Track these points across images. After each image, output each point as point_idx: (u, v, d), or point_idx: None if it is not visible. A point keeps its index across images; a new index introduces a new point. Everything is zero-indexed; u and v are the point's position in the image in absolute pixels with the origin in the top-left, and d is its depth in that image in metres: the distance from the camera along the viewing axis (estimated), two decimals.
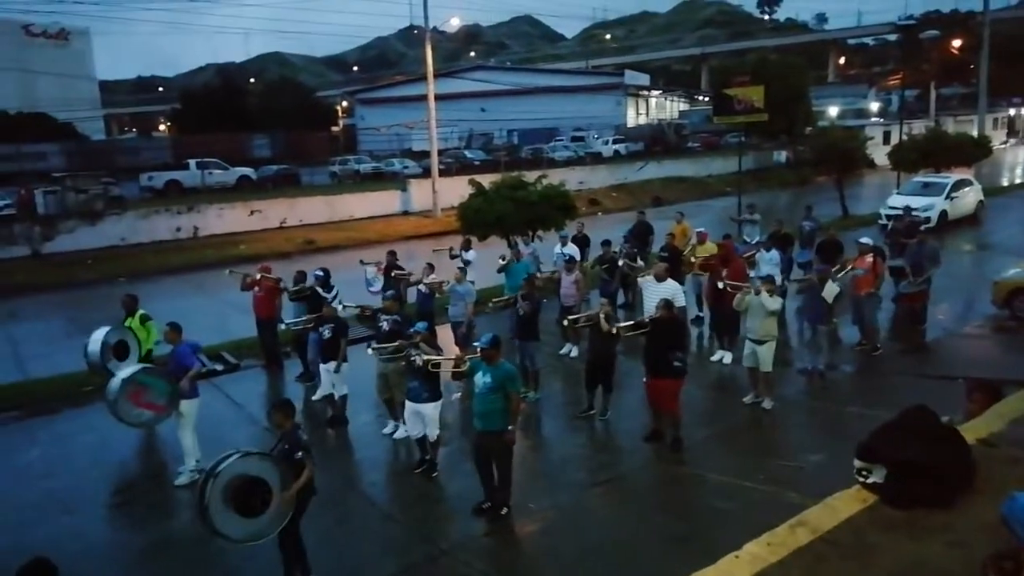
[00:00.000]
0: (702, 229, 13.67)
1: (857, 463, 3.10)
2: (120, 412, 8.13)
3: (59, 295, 19.53)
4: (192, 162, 36.54)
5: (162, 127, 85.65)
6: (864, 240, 12.00)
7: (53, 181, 28.46)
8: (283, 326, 11.31)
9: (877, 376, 10.81)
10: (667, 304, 8.52)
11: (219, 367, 12.02)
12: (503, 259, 13.04)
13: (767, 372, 9.41)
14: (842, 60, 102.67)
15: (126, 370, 8.45)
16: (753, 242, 14.90)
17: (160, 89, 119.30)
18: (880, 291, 11.71)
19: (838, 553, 2.51)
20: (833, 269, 10.85)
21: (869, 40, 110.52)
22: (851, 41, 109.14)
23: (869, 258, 11.44)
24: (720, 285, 9.90)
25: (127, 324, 9.97)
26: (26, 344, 14.50)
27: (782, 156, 46.48)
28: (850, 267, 11.19)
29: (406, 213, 32.01)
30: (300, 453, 5.70)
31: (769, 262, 12.26)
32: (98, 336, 9.43)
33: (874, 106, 65.23)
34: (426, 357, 7.70)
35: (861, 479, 3.06)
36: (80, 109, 64.64)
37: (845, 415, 9.22)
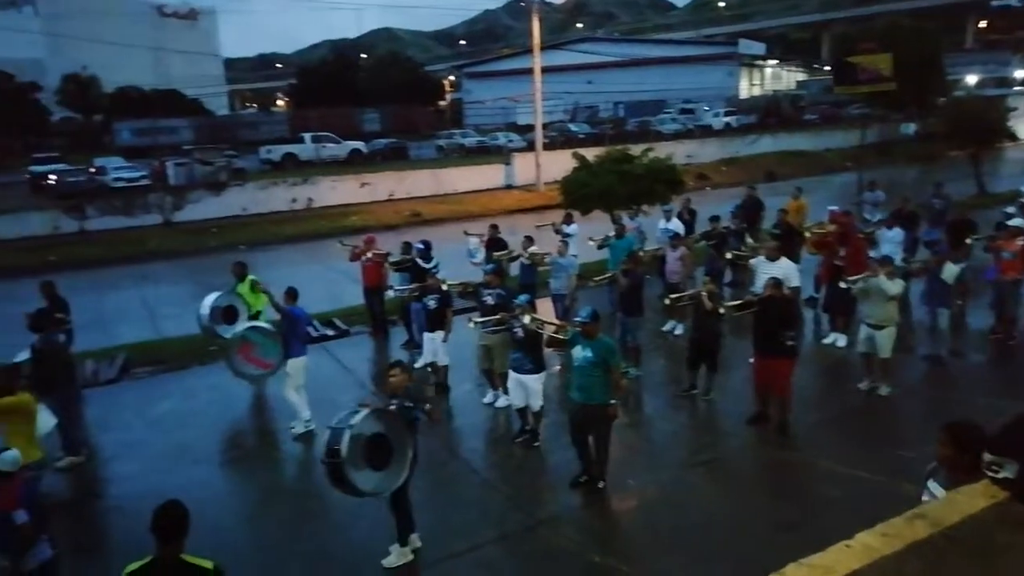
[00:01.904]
0: (835, 207, 12.91)
1: (987, 457, 2.88)
2: (233, 365, 8.69)
3: (187, 261, 20.93)
4: (307, 136, 38.11)
5: (280, 102, 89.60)
6: (1016, 220, 11.05)
7: (183, 154, 30.41)
8: (391, 293, 11.65)
9: (1011, 367, 10.03)
10: (776, 282, 8.19)
11: (330, 332, 12.57)
12: (592, 239, 12.86)
13: (885, 358, 8.91)
14: (983, 24, 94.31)
15: (239, 327, 9.00)
16: (874, 220, 14.07)
17: (279, 66, 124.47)
18: None
19: (961, 550, 2.34)
20: (960, 249, 10.09)
21: (1015, 1, 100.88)
22: (994, 3, 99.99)
23: (1020, 241, 10.47)
24: (842, 285, 9.36)
25: (237, 290, 10.54)
26: (159, 305, 15.64)
27: (910, 129, 43.39)
28: (998, 248, 10.32)
29: (509, 187, 32.19)
30: (428, 405, 6.06)
31: (891, 241, 11.55)
32: (208, 301, 10.05)
33: (1019, 74, 59.73)
34: (533, 316, 7.77)
35: (991, 474, 2.84)
36: (207, 86, 68.57)
37: (971, 406, 8.56)
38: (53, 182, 27.96)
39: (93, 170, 29.34)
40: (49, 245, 22.26)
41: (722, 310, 8.67)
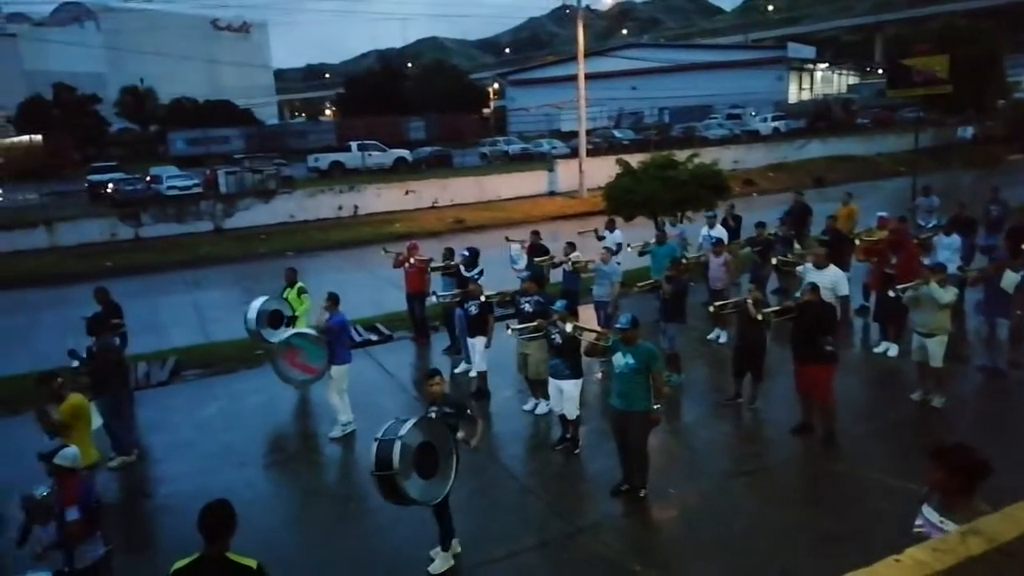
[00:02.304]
0: (884, 213, 12.59)
1: None
2: (279, 370, 8.84)
3: (237, 266, 21.42)
4: (354, 144, 38.70)
5: (328, 111, 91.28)
6: None
7: (233, 163, 31.19)
8: (433, 299, 11.70)
9: None
10: (814, 287, 8.07)
11: (373, 337, 12.70)
12: (632, 246, 12.78)
13: (937, 367, 8.61)
14: None
15: (285, 332, 9.15)
16: (929, 226, 13.64)
17: (327, 76, 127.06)
18: None
19: (1019, 568, 2.23)
20: (1019, 256, 9.70)
21: None
22: None
23: None
24: (891, 294, 9.11)
25: (285, 295, 10.72)
26: (208, 310, 16.03)
27: (967, 132, 42.07)
28: None
29: (552, 193, 32.18)
30: (469, 411, 6.12)
31: (948, 247, 11.20)
32: (255, 305, 10.23)
33: None
34: (574, 323, 7.74)
35: None
36: (257, 96, 70.33)
37: None
38: (111, 190, 28.95)
39: (148, 179, 30.30)
40: (106, 251, 23.04)
41: (760, 316, 8.49)
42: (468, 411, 6.10)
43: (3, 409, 10.06)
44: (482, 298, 9.69)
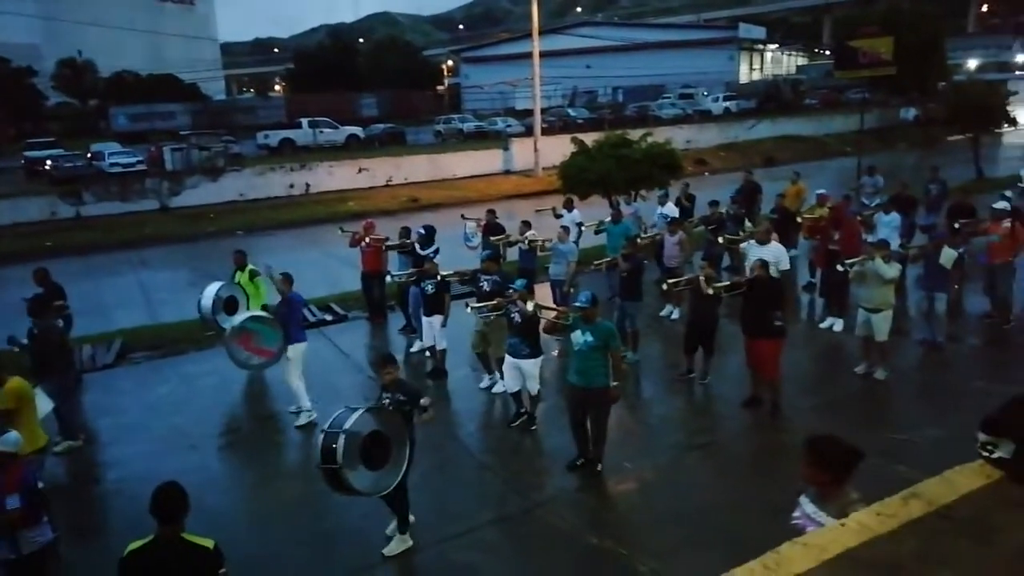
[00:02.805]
0: (823, 191, 12.94)
1: (981, 436, 2.87)
2: (233, 356, 8.66)
3: (184, 246, 20.89)
4: (304, 121, 37.95)
5: (277, 87, 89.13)
6: (1001, 203, 11.07)
7: (179, 139, 30.31)
8: (389, 278, 11.60)
9: (1006, 351, 10.05)
10: (763, 263, 8.25)
11: (328, 317, 12.56)
12: (587, 225, 12.88)
13: (882, 341, 8.92)
14: (984, 7, 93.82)
15: (238, 316, 8.96)
16: (873, 205, 14.05)
17: (276, 50, 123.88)
18: (1016, 260, 10.79)
19: (956, 529, 2.34)
20: (956, 234, 10.08)
21: None
22: None
23: (1007, 223, 10.51)
24: (839, 268, 9.38)
25: (237, 279, 10.48)
26: (155, 291, 15.63)
27: (910, 114, 43.29)
28: (985, 232, 10.36)
29: (507, 172, 32.11)
30: (424, 399, 5.93)
31: (888, 225, 11.53)
32: (210, 292, 9.99)
33: (1020, 58, 59.50)
34: (535, 302, 7.75)
35: (985, 453, 2.84)
36: (204, 70, 68.13)
37: (966, 390, 8.63)
38: (49, 167, 27.86)
39: (89, 155, 29.26)
40: (45, 231, 22.20)
41: (711, 292, 8.65)
42: (422, 398, 5.97)
43: None
44: (439, 277, 9.65)
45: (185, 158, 27.56)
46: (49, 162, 28.41)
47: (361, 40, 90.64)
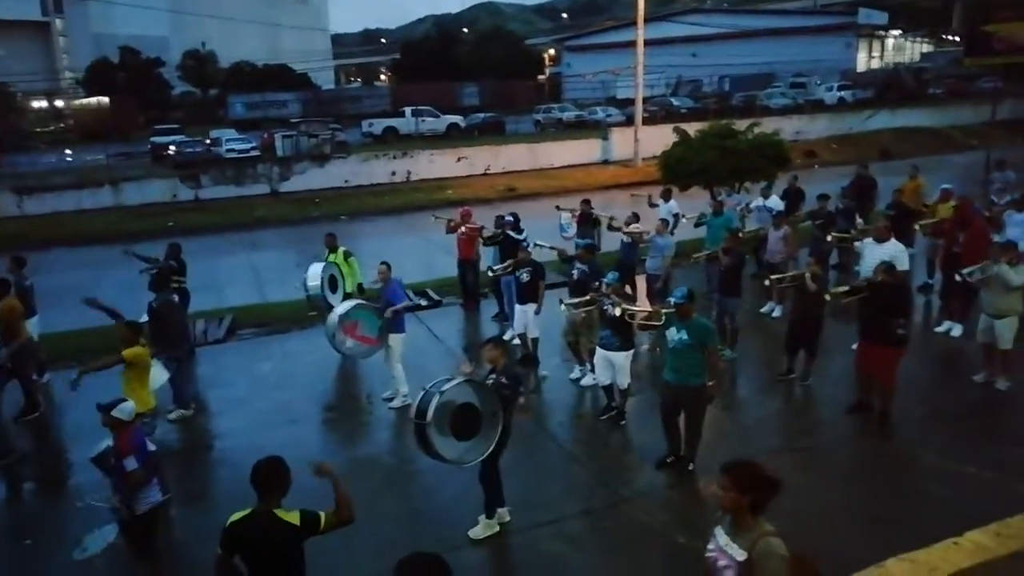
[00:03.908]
0: (948, 186, 12.07)
1: None
2: (337, 344, 8.92)
3: (292, 229, 21.80)
4: (407, 110, 38.71)
5: (383, 77, 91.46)
6: None
7: (290, 127, 31.60)
8: (490, 273, 11.63)
9: None
10: (889, 267, 7.70)
11: (423, 302, 12.81)
12: (687, 216, 12.57)
13: (1005, 350, 8.25)
14: None
15: (343, 306, 9.20)
16: (1002, 202, 13.00)
17: (383, 41, 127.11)
18: None
19: None
20: None
21: None
22: None
23: None
24: (957, 278, 8.73)
25: (332, 260, 10.82)
26: (264, 271, 16.39)
27: None
28: None
29: (606, 162, 31.77)
30: (522, 388, 6.03)
31: (1019, 225, 10.64)
32: (315, 272, 10.36)
33: None
34: (624, 306, 7.64)
35: None
36: (315, 60, 70.76)
37: None
38: (172, 152, 29.67)
39: (208, 142, 30.94)
40: (167, 212, 23.72)
41: (828, 296, 8.23)
42: (521, 388, 6.05)
43: (73, 361, 10.47)
44: (536, 245, 9.62)
45: (295, 145, 28.72)
46: (172, 147, 30.25)
47: (465, 30, 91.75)
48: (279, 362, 10.60)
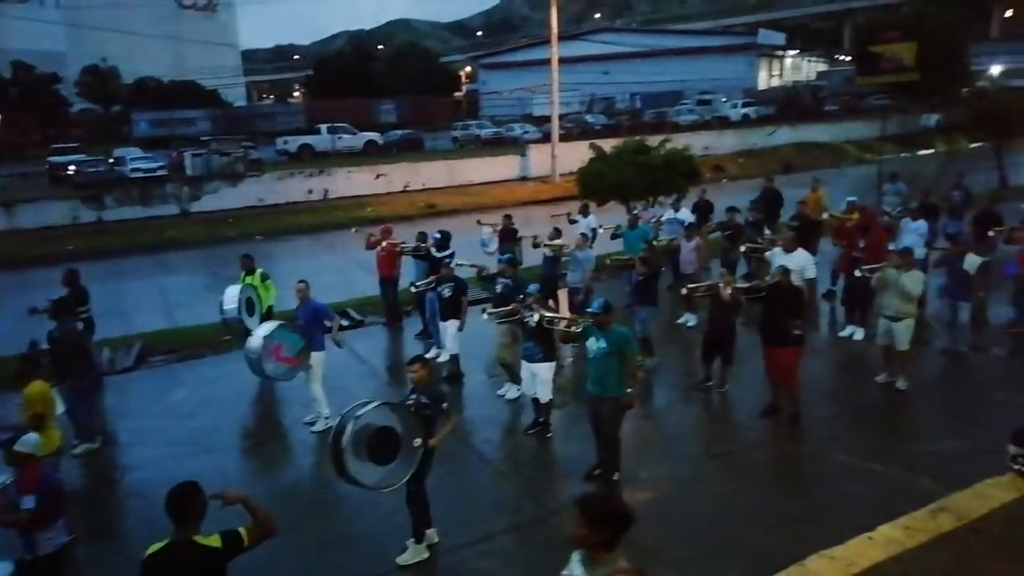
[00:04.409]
0: (854, 198, 12.73)
1: (1012, 449, 2.80)
2: (264, 367, 8.63)
3: (203, 250, 21.06)
4: (324, 127, 38.13)
5: (297, 93, 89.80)
6: None
7: (200, 145, 30.60)
8: (412, 289, 11.54)
9: None
10: (784, 270, 8.17)
11: (344, 322, 12.56)
12: (604, 227, 12.88)
13: (903, 351, 8.77)
14: (1009, 13, 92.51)
15: (265, 327, 8.93)
16: (895, 212, 13.86)
17: (296, 57, 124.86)
18: None
19: (989, 543, 2.28)
20: (984, 241, 9.92)
21: None
22: None
23: None
24: (857, 273, 9.28)
25: (248, 282, 10.55)
26: (175, 294, 15.77)
27: (932, 120, 42.79)
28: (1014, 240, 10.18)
29: (524, 178, 32.11)
30: (445, 404, 5.90)
31: (914, 232, 11.37)
32: (232, 295, 10.04)
33: None
34: (543, 313, 7.72)
35: (1016, 466, 2.76)
36: (224, 77, 68.80)
37: (990, 401, 8.48)
38: (72, 172, 28.19)
39: (111, 161, 29.57)
40: (68, 235, 22.52)
41: (729, 291, 8.53)
42: (444, 406, 5.95)
43: None
44: (458, 266, 9.64)
45: (205, 163, 27.80)
46: (72, 167, 28.72)
47: (380, 47, 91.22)
48: (193, 389, 10.19)
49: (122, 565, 6.12)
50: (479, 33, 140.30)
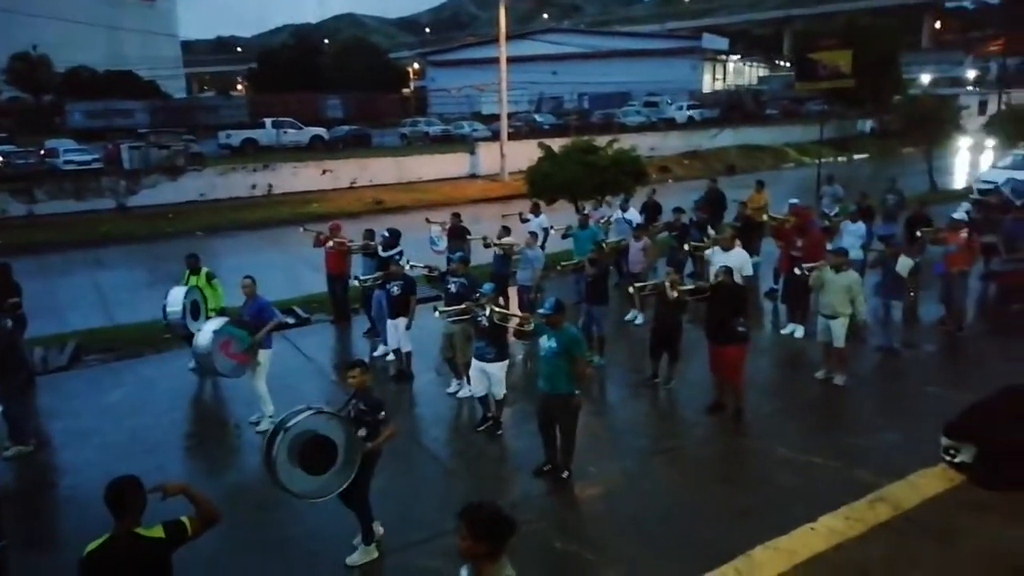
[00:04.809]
0: (796, 200, 13.05)
1: (944, 441, 2.93)
2: (214, 364, 8.40)
3: (141, 246, 20.42)
4: (268, 121, 37.39)
5: (240, 87, 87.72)
6: (958, 214, 11.37)
7: (138, 137, 29.63)
8: (354, 282, 11.43)
9: (960, 357, 10.34)
10: (727, 269, 8.37)
11: (290, 320, 12.36)
12: (555, 228, 13.02)
13: (840, 348, 9.09)
14: (938, 24, 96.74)
15: (214, 322, 8.69)
16: (833, 213, 14.33)
17: (239, 49, 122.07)
18: (970, 269, 11.11)
19: (922, 531, 2.39)
20: (915, 243, 10.36)
21: (968, 3, 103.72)
22: (948, 4, 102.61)
23: (963, 233, 10.81)
24: (796, 271, 9.58)
25: (193, 282, 10.16)
26: (112, 291, 15.23)
27: (867, 125, 44.41)
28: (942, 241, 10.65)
29: (473, 176, 32.09)
30: (383, 413, 5.74)
31: (854, 234, 11.79)
32: (177, 297, 9.72)
33: (971, 74, 61.51)
34: (495, 309, 7.73)
35: (948, 458, 2.89)
36: (163, 68, 66.70)
37: (922, 395, 8.86)
38: (0, 164, 26.95)
39: (43, 152, 28.42)
40: None
41: (675, 293, 8.69)
42: (382, 413, 5.79)
43: None
44: (408, 267, 9.57)
45: (143, 157, 26.92)
46: (0, 158, 27.49)
47: (326, 41, 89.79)
48: (132, 388, 9.87)
49: (56, 571, 5.90)
50: (427, 30, 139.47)
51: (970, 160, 33.06)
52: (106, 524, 3.76)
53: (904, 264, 9.84)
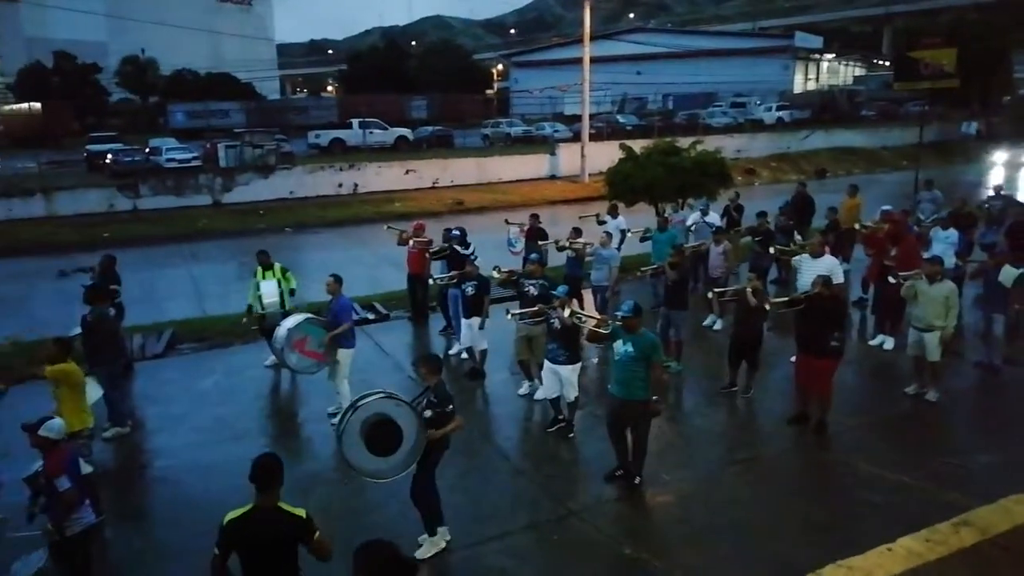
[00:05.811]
0: (888, 207, 12.46)
1: None
2: (287, 359, 8.72)
3: (234, 241, 21.32)
4: (355, 122, 38.38)
5: (330, 88, 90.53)
6: None
7: (233, 137, 31.00)
8: (432, 281, 11.60)
9: None
10: (825, 281, 7.99)
11: (370, 316, 12.68)
12: (633, 231, 12.83)
13: (934, 362, 8.62)
14: None
15: (291, 319, 9.02)
16: (928, 220, 13.60)
17: (330, 52, 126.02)
18: None
19: (1012, 560, 2.24)
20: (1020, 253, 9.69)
21: None
22: None
23: None
24: (890, 279, 9.12)
25: (264, 277, 10.33)
26: (205, 284, 16.00)
27: (972, 128, 41.89)
28: None
29: (553, 177, 32.07)
30: (451, 406, 5.83)
31: (944, 241, 11.15)
32: (271, 290, 10.08)
33: None
34: (572, 309, 7.70)
35: None
36: (259, 70, 69.61)
37: (1021, 415, 8.30)
38: (109, 161, 28.75)
39: (147, 150, 30.11)
40: (103, 222, 22.93)
41: (767, 306, 8.47)
42: (451, 406, 5.85)
43: (6, 375, 10.02)
44: (490, 272, 9.63)
45: (238, 155, 28.16)
46: (109, 156, 29.30)
47: (414, 43, 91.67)
48: (221, 377, 10.34)
49: (147, 547, 6.25)
50: (512, 31, 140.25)
51: None
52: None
53: (1008, 274, 9.25)
